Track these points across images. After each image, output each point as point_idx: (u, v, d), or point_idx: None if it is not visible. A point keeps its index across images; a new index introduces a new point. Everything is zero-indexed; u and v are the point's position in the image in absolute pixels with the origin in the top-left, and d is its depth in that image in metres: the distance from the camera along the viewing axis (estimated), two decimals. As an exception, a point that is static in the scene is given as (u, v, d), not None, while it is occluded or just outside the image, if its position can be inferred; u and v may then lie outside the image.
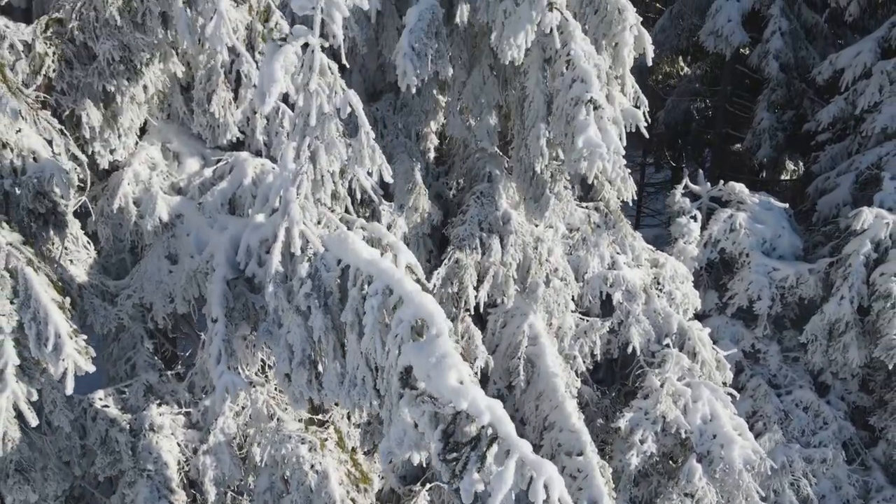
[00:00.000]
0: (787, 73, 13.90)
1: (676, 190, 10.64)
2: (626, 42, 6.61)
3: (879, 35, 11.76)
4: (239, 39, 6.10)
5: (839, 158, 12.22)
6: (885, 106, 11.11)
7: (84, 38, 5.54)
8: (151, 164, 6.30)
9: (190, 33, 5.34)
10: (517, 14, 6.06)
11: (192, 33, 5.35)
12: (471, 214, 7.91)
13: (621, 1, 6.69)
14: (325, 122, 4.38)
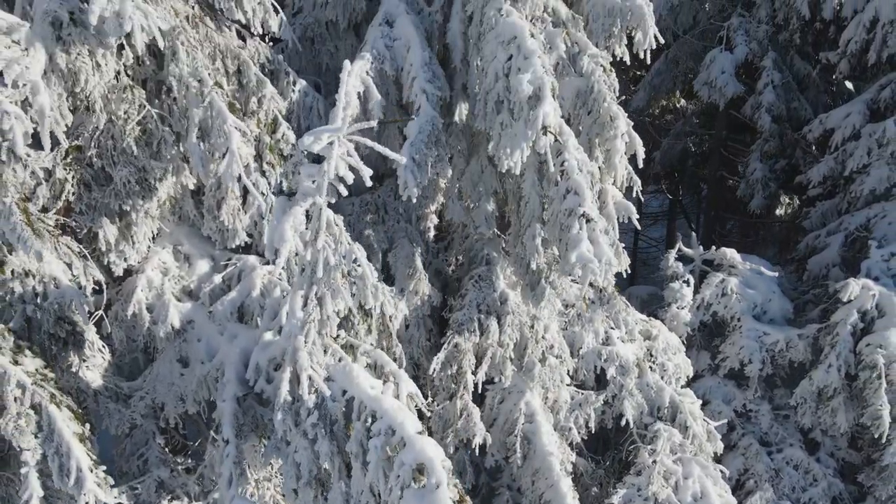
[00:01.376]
0: (779, 124, 14.20)
1: (670, 254, 10.93)
2: (618, 150, 6.90)
3: (868, 97, 12.07)
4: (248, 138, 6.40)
5: (829, 215, 12.51)
6: (874, 169, 11.39)
7: (102, 163, 5.83)
8: (164, 269, 6.59)
9: (203, 166, 5.63)
10: (513, 129, 6.35)
11: (205, 166, 5.63)
12: (469, 298, 8.20)
13: (613, 108, 6.98)
14: (331, 272, 4.67)
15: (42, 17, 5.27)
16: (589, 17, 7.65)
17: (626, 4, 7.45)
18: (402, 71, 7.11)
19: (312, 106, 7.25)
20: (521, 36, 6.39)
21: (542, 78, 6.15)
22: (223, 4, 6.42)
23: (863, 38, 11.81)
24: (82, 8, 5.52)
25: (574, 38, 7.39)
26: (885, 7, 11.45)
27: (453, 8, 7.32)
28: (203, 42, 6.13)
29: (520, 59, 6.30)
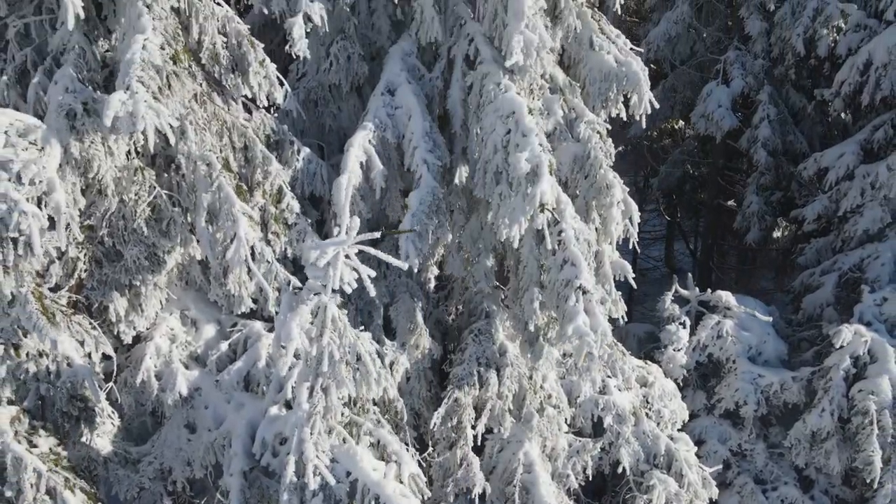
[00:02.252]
0: (775, 157, 14.39)
1: (666, 296, 11.12)
2: (614, 217, 7.09)
3: (862, 137, 12.26)
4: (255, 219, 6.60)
5: (824, 252, 12.69)
6: (867, 210, 11.58)
7: (113, 242, 6.01)
8: (171, 335, 6.77)
9: (212, 249, 5.81)
10: (512, 203, 6.53)
11: (213, 249, 5.82)
12: (469, 353, 8.38)
13: (609, 177, 7.17)
14: (336, 366, 4.85)
15: (57, 110, 5.46)
16: (586, 81, 7.84)
17: (623, 70, 7.65)
18: (403, 138, 7.30)
19: (316, 172, 7.44)
20: (519, 112, 6.58)
21: (539, 156, 6.34)
22: (230, 81, 6.61)
23: (856, 80, 12.00)
24: (95, 98, 5.73)
25: (571, 103, 7.59)
26: (878, 51, 11.63)
27: (453, 75, 7.51)
28: (211, 120, 6.32)
29: (518, 136, 6.49)
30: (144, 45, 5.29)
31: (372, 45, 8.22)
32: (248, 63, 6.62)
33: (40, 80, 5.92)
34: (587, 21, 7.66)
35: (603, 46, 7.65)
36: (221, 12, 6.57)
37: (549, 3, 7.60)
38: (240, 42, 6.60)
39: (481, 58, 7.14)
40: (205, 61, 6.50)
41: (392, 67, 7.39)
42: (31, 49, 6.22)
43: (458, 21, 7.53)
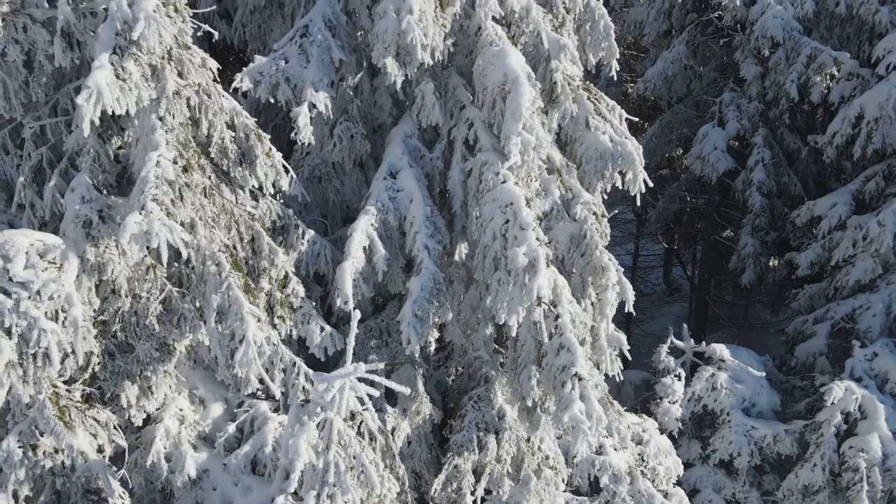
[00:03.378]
0: (769, 199, 14.63)
1: (662, 348, 11.35)
2: (609, 300, 7.33)
3: (854, 188, 12.50)
4: (261, 306, 6.84)
5: (817, 298, 12.92)
6: (859, 261, 11.81)
7: (125, 336, 6.24)
8: (180, 416, 7.00)
9: (220, 348, 6.04)
10: (510, 291, 6.76)
11: (222, 348, 6.05)
12: (469, 419, 8.60)
13: (604, 259, 7.41)
14: (341, 476, 5.08)
15: (74, 220, 5.69)
16: (582, 160, 8.08)
17: (618, 149, 7.88)
18: (405, 220, 7.53)
19: (320, 252, 7.67)
20: (517, 204, 6.82)
21: (536, 250, 6.57)
22: (238, 173, 6.84)
23: (848, 132, 12.24)
24: (110, 204, 5.96)
25: (568, 183, 7.82)
26: (869, 105, 11.87)
27: (454, 157, 7.74)
28: (220, 213, 6.54)
29: (516, 228, 6.72)
30: (158, 161, 5.53)
31: (374, 121, 8.45)
32: (256, 155, 6.85)
33: (57, 182, 6.16)
34: (583, 103, 7.89)
35: (599, 127, 7.88)
36: (229, 106, 6.80)
37: (546, 87, 7.87)
38: (247, 135, 6.83)
39: (480, 144, 7.37)
40: (213, 155, 6.73)
41: (394, 151, 7.63)
42: (47, 148, 6.46)
43: (458, 104, 7.77)
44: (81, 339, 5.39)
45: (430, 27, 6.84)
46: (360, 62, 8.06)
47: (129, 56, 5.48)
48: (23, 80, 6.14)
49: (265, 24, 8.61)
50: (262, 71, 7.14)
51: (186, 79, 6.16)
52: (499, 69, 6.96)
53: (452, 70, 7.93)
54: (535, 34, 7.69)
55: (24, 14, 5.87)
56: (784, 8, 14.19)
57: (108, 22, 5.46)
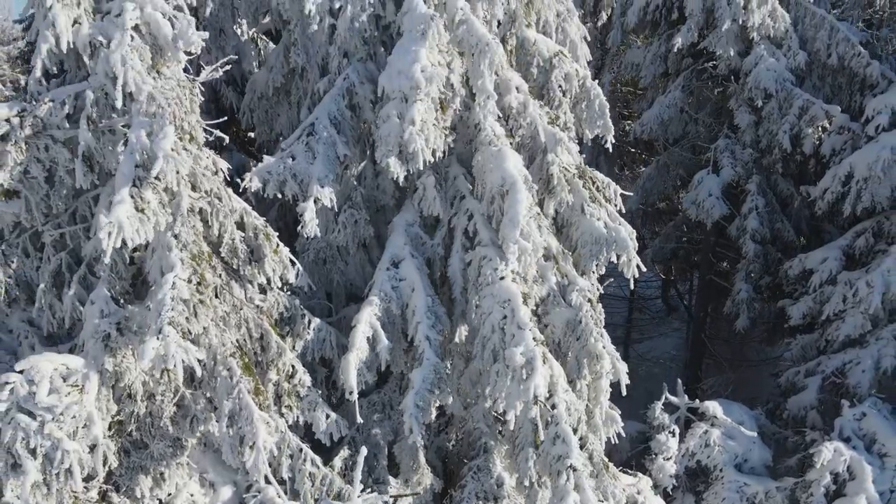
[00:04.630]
0: (763, 245, 14.92)
1: (656, 405, 11.65)
2: (603, 388, 7.64)
3: (844, 243, 12.80)
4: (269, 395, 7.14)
5: (809, 349, 13.22)
6: (849, 316, 12.10)
7: (140, 435, 6.55)
8: (192, 502, 7.29)
9: (232, 452, 6.34)
10: (508, 386, 7.07)
11: (233, 452, 6.35)
12: (468, 490, 8.90)
13: (598, 347, 7.71)
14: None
15: (94, 336, 6.01)
16: (578, 244, 8.38)
17: (612, 235, 8.19)
18: (406, 307, 7.83)
19: (325, 339, 7.97)
20: (514, 301, 7.13)
21: (533, 350, 6.88)
22: (248, 271, 7.15)
23: (838, 189, 12.54)
24: (128, 316, 6.27)
25: (564, 270, 8.12)
26: (859, 165, 12.17)
27: (454, 246, 8.05)
28: (230, 313, 6.85)
29: (513, 327, 7.03)
30: (174, 283, 5.84)
31: (377, 202, 8.76)
32: (264, 254, 7.17)
33: (76, 291, 6.47)
34: (579, 191, 8.20)
35: (594, 214, 8.18)
36: (239, 206, 7.11)
37: (544, 177, 8.18)
38: (256, 234, 7.14)
39: (480, 238, 7.69)
40: (224, 254, 7.04)
41: (396, 240, 7.94)
42: (66, 253, 6.77)
43: (459, 194, 8.08)
44: (101, 456, 5.69)
45: (431, 133, 7.15)
46: (363, 150, 8.37)
47: (147, 185, 5.80)
48: (44, 194, 6.45)
49: (272, 109, 8.92)
50: (270, 170, 7.45)
51: (199, 190, 6.47)
52: (497, 172, 7.27)
53: (453, 159, 8.24)
54: (532, 127, 8.00)
55: (46, 135, 6.18)
56: (777, 59, 14.50)
57: (128, 154, 5.77)
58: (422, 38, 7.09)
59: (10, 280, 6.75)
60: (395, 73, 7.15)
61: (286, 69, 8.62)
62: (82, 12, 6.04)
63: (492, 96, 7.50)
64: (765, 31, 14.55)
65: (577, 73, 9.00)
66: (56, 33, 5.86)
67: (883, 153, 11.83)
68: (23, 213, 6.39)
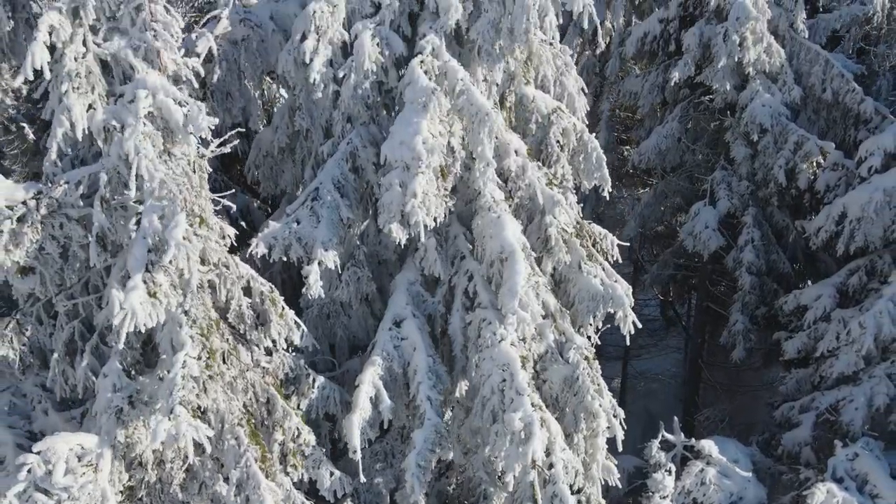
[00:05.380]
0: (759, 277, 15.13)
1: (653, 443, 11.86)
2: (599, 446, 7.88)
3: (838, 280, 13.02)
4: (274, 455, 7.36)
5: (804, 383, 13.44)
6: (842, 354, 12.32)
7: (151, 501, 6.77)
8: (201, 559, 7.49)
9: (241, 517, 6.57)
10: (506, 449, 7.29)
11: (242, 516, 6.58)
12: (469, 539, 9.13)
13: (595, 406, 7.93)
14: None
15: (106, 410, 6.23)
16: (575, 300, 8.61)
17: (609, 292, 8.42)
18: (408, 365, 8.05)
19: (329, 395, 8.19)
20: (513, 366, 7.36)
21: (531, 416, 7.11)
22: (254, 336, 7.37)
23: (832, 228, 12.76)
24: (139, 389, 6.49)
25: (561, 328, 8.34)
26: (852, 206, 12.39)
27: (454, 305, 8.27)
28: (237, 378, 7.07)
29: (512, 392, 7.25)
30: (185, 362, 6.06)
31: (379, 256, 8.99)
32: (270, 318, 7.38)
33: (89, 361, 6.68)
34: (576, 249, 8.42)
35: (591, 271, 8.41)
36: (246, 272, 7.33)
37: (542, 237, 8.40)
38: (262, 300, 7.36)
39: (479, 300, 7.91)
40: (231, 320, 7.26)
41: (398, 300, 8.16)
42: (79, 322, 6.98)
43: (459, 254, 8.30)
44: (116, 530, 5.92)
45: (432, 203, 7.36)
46: (366, 209, 8.59)
47: (159, 268, 6.01)
48: (58, 268, 6.67)
49: (277, 166, 9.14)
50: (275, 236, 7.66)
51: (208, 264, 6.69)
52: (497, 240, 7.50)
53: (453, 218, 8.45)
54: (530, 189, 8.23)
55: (61, 214, 6.40)
56: (772, 94, 14.72)
57: (140, 238, 5.99)
58: (423, 110, 7.31)
59: (24, 348, 6.96)
60: (398, 143, 7.37)
61: (291, 130, 8.84)
62: (96, 97, 6.26)
63: (491, 164, 7.72)
64: (760, 66, 14.75)
65: (575, 128, 9.23)
66: (71, 119, 6.08)
67: (875, 195, 12.05)
68: (37, 287, 6.61)
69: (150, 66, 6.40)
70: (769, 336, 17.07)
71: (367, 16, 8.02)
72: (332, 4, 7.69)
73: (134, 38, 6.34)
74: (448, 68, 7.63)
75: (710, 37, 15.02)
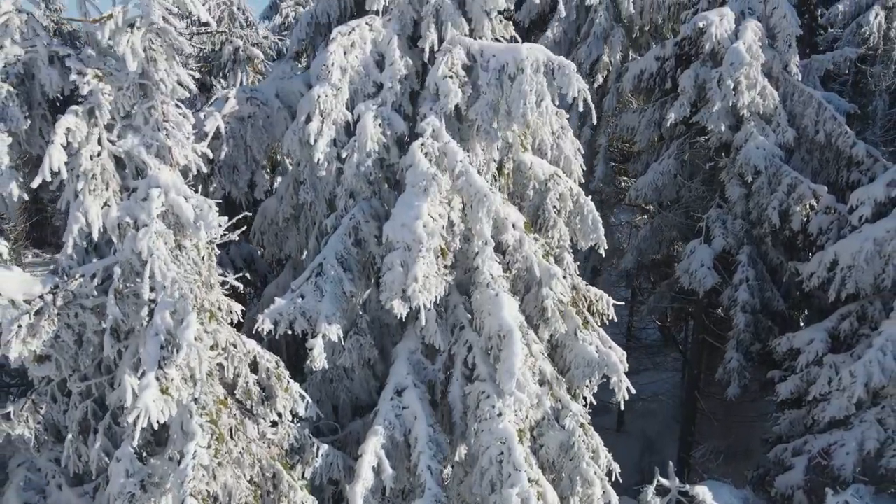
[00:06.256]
0: (753, 315, 15.40)
1: (648, 489, 12.11)
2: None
3: (830, 325, 13.28)
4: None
5: (797, 424, 13.71)
6: (834, 398, 12.57)
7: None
8: None
9: None
10: (503, 508, 7.57)
11: None
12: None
13: (590, 474, 8.22)
14: None
15: (119, 496, 6.49)
16: (571, 365, 8.88)
17: (604, 359, 8.68)
18: (410, 433, 8.31)
19: (333, 462, 8.45)
20: (510, 441, 7.62)
21: (528, 491, 7.38)
22: (260, 410, 7.63)
23: (824, 275, 13.02)
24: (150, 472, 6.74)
25: (557, 395, 8.61)
26: (843, 254, 12.65)
27: (454, 374, 8.53)
28: (244, 453, 7.33)
29: (510, 467, 7.52)
30: (195, 452, 6.32)
31: (381, 321, 9.24)
32: (276, 392, 7.65)
33: (102, 443, 6.95)
34: (572, 317, 8.69)
35: (586, 339, 8.67)
36: (253, 349, 7.59)
37: (539, 307, 8.66)
38: (268, 376, 7.62)
39: (478, 372, 8.17)
40: (239, 396, 7.52)
41: (399, 370, 8.42)
42: (92, 401, 7.25)
43: (458, 323, 8.56)
44: None
45: (432, 284, 7.62)
46: (368, 277, 8.85)
47: (171, 363, 6.28)
48: (73, 353, 6.93)
49: (282, 233, 9.41)
50: (281, 312, 7.93)
51: (217, 348, 6.95)
52: (495, 318, 7.76)
53: (453, 287, 8.71)
54: (527, 261, 8.49)
55: (76, 304, 6.67)
56: (766, 135, 15.00)
57: (153, 335, 6.26)
58: (424, 194, 7.57)
59: (39, 426, 7.22)
60: (399, 225, 7.64)
61: (295, 201, 9.11)
62: (111, 193, 6.52)
63: (489, 242, 7.98)
64: (755, 108, 15.04)
65: (571, 191, 9.49)
66: (88, 220, 6.34)
67: (866, 245, 12.30)
68: (53, 372, 6.87)
69: (162, 162, 6.66)
70: (765, 371, 17.38)
71: (370, 95, 8.29)
72: (335, 88, 7.95)
73: (147, 135, 6.60)
74: (448, 150, 7.90)
75: (706, 79, 15.31)
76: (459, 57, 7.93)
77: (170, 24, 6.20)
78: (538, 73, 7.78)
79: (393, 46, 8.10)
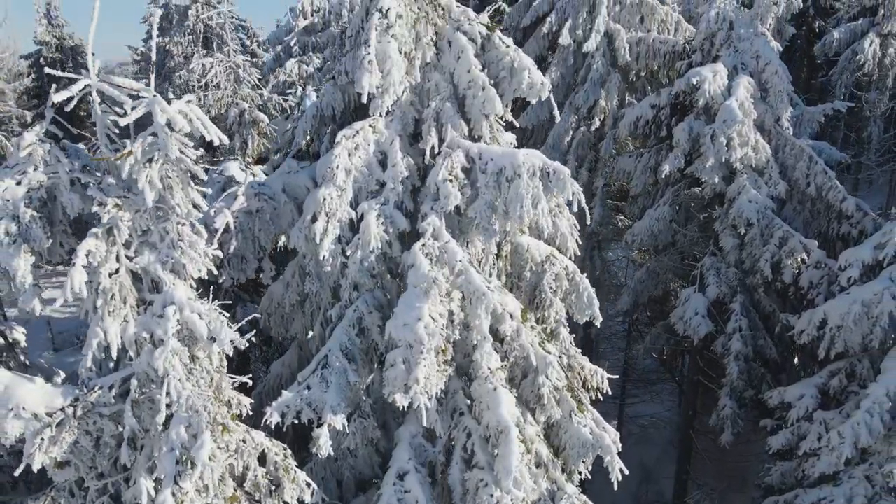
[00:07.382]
0: (747, 363, 15.76)
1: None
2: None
3: (820, 381, 13.62)
4: None
5: (788, 476, 14.06)
6: (823, 454, 12.92)
7: None
8: None
9: None
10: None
11: None
12: None
13: None
14: None
15: None
16: (567, 445, 9.22)
17: (597, 441, 9.03)
18: (412, 524, 8.66)
19: (338, 534, 8.83)
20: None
21: (525, 583, 7.72)
22: (268, 502, 7.98)
23: (814, 333, 13.37)
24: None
25: (553, 477, 8.96)
26: (832, 314, 13.00)
27: (453, 457, 8.88)
28: (254, 545, 7.69)
29: (508, 559, 7.86)
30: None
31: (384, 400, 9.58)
32: (283, 484, 8.00)
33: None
34: (567, 401, 9.04)
35: (581, 421, 9.02)
36: (262, 441, 7.94)
37: (536, 393, 9.01)
38: (276, 468, 7.98)
39: (477, 460, 8.52)
40: (248, 488, 7.88)
41: (401, 455, 8.77)
42: (108, 497, 7.60)
43: (458, 409, 8.91)
44: None
45: (433, 381, 7.97)
46: (371, 362, 9.20)
47: (186, 477, 6.64)
48: (91, 456, 7.29)
49: (287, 316, 9.76)
50: (288, 404, 8.28)
51: (228, 450, 7.31)
52: (493, 413, 8.12)
53: (453, 375, 9.06)
54: (524, 350, 8.84)
55: (95, 412, 7.02)
56: (759, 187, 15.37)
57: (168, 452, 6.62)
58: (425, 296, 7.93)
59: (57, 521, 7.58)
60: (402, 324, 7.99)
61: (301, 288, 9.47)
62: (128, 309, 6.88)
63: (487, 338, 8.34)
64: (747, 162, 15.41)
65: (567, 270, 9.85)
66: (107, 337, 6.70)
67: (854, 307, 12.65)
68: (72, 475, 7.22)
69: (177, 277, 7.02)
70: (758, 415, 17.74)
71: (373, 192, 8.65)
72: (340, 189, 8.30)
73: (163, 252, 6.95)
74: (448, 249, 8.26)
75: (699, 133, 15.70)
76: (459, 160, 8.28)
77: (185, 154, 6.55)
78: (534, 177, 8.14)
79: (395, 148, 8.46)
